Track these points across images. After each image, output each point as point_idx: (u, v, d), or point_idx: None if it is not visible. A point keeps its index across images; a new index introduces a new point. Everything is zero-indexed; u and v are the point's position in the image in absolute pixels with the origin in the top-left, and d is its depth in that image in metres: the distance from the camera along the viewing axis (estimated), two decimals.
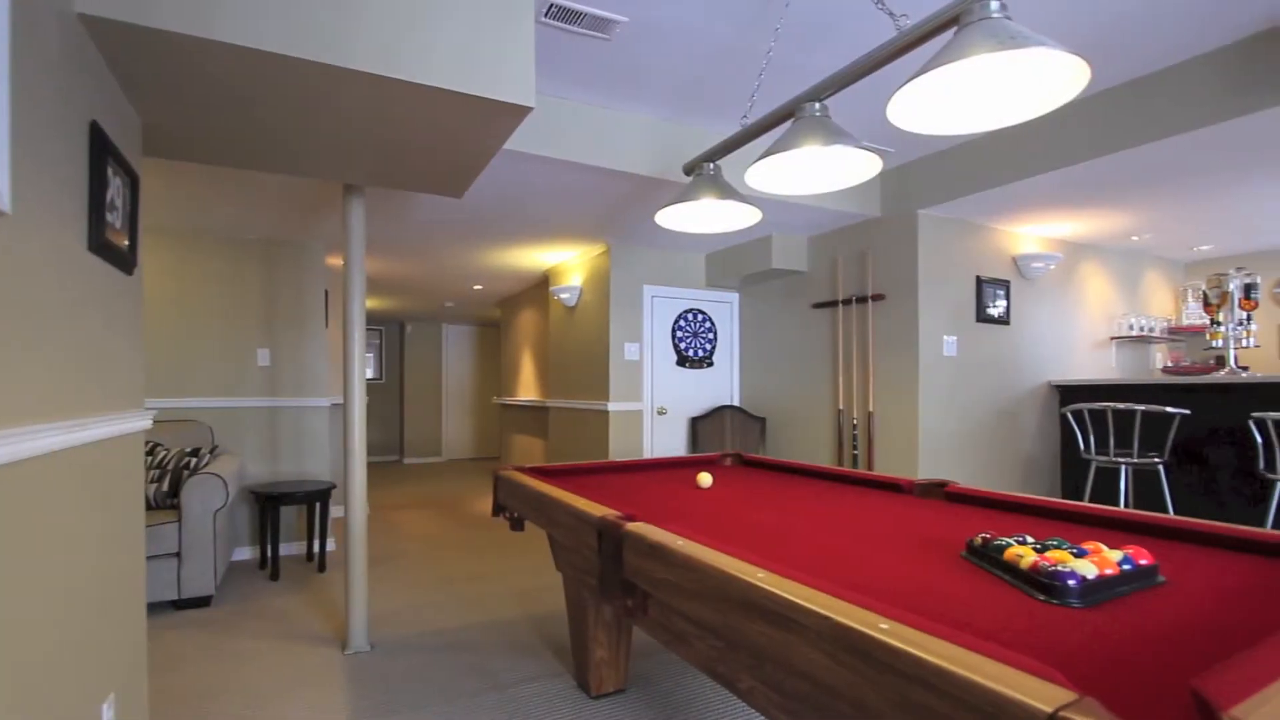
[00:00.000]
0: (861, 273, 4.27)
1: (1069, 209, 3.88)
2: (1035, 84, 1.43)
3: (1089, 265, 4.84)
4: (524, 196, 3.72)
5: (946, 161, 3.71)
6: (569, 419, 5.57)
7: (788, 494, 2.31)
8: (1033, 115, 1.50)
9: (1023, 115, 1.51)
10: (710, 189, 2.31)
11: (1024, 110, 1.49)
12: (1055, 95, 1.42)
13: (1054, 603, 1.13)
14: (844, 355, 4.38)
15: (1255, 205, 3.85)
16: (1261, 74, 2.51)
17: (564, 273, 5.74)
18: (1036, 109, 1.48)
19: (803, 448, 4.74)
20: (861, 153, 1.85)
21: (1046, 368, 4.53)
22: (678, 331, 5.15)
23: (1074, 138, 3.10)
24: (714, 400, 5.27)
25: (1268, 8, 2.37)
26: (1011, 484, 4.28)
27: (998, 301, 4.20)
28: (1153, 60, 2.76)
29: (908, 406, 3.93)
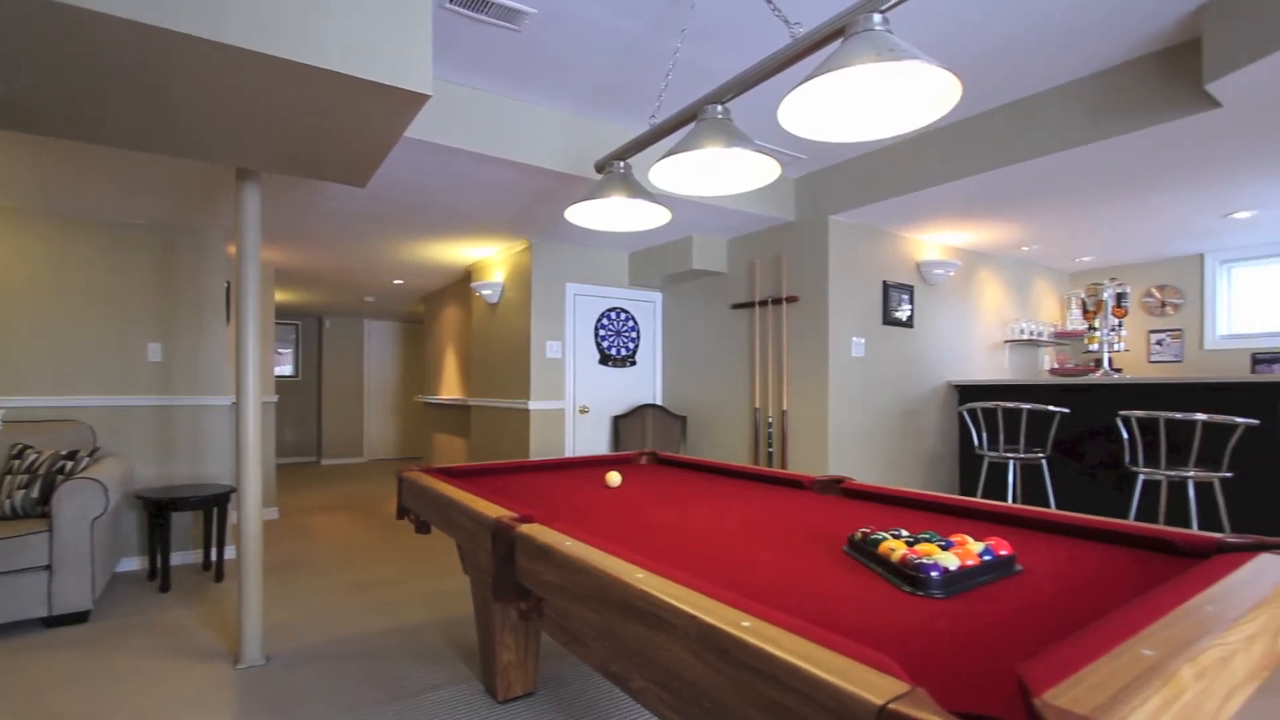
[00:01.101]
0: (777, 275, 4.39)
1: (966, 219, 4.13)
2: (913, 97, 1.50)
3: (985, 272, 5.18)
4: (438, 189, 3.62)
5: (855, 170, 3.87)
6: (491, 418, 5.47)
7: (695, 492, 2.34)
8: (912, 127, 1.58)
9: (903, 127, 1.58)
10: (620, 187, 2.31)
11: (904, 122, 1.57)
12: (932, 109, 1.50)
13: (919, 594, 1.20)
14: (760, 355, 4.50)
15: (1124, 222, 4.22)
16: (1122, 103, 2.75)
17: (486, 269, 5.62)
18: (915, 121, 1.56)
19: (721, 446, 4.83)
20: (760, 156, 1.89)
21: (947, 368, 4.81)
22: (600, 330, 5.14)
23: (966, 153, 3.30)
24: (636, 399, 5.30)
25: (1125, 43, 2.60)
26: (914, 478, 4.52)
27: (903, 305, 4.42)
28: (1031, 84, 2.97)
29: (818, 405, 4.07)
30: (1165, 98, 2.64)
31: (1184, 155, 3.02)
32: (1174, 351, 5.37)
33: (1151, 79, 2.68)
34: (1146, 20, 2.46)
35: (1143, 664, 0.78)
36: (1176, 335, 5.36)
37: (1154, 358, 5.50)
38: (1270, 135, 2.78)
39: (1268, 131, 2.74)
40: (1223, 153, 3.00)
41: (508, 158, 3.11)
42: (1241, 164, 3.16)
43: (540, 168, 3.21)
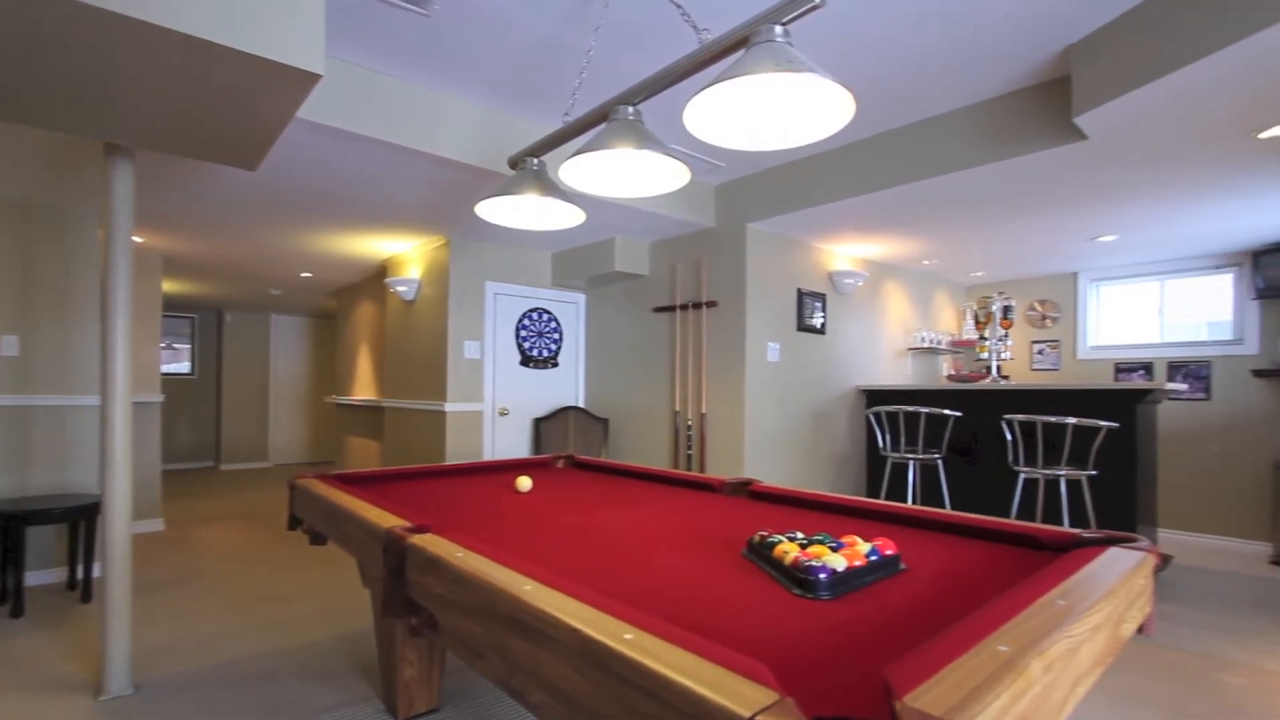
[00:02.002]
0: (697, 280, 4.46)
1: (873, 232, 4.33)
2: (811, 111, 1.55)
3: (891, 284, 5.46)
4: (347, 179, 3.43)
5: (771, 180, 3.98)
6: (406, 420, 5.25)
7: (607, 496, 2.33)
8: (810, 140, 1.63)
9: (802, 139, 1.63)
10: (533, 185, 2.27)
11: (802, 134, 1.61)
12: (828, 123, 1.55)
13: (808, 596, 1.23)
14: (680, 359, 4.55)
15: (1010, 240, 4.56)
16: (1006, 130, 2.96)
17: (402, 264, 5.40)
18: (813, 134, 1.61)
19: (643, 448, 4.85)
20: (671, 160, 1.90)
21: (856, 373, 5.04)
22: (522, 330, 5.04)
23: (873, 169, 3.46)
24: (558, 401, 5.24)
25: (1007, 75, 2.80)
26: (825, 478, 4.70)
27: (816, 313, 4.59)
28: (930, 107, 3.15)
29: (736, 408, 4.16)
30: (1041, 128, 2.86)
31: (1057, 182, 3.29)
32: (1052, 360, 5.86)
33: (1030, 110, 2.90)
34: (1024, 56, 2.66)
35: (998, 660, 0.83)
36: (1055, 346, 5.86)
37: (1036, 366, 5.98)
38: (1129, 166, 3.08)
39: (1128, 163, 3.03)
40: (1090, 181, 3.29)
41: (420, 149, 2.99)
42: (1105, 192, 3.48)
43: (454, 161, 3.10)
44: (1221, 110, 2.47)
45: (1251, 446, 4.83)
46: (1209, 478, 5.02)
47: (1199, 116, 2.52)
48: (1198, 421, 5.08)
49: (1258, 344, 4.85)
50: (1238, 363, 4.92)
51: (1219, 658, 2.90)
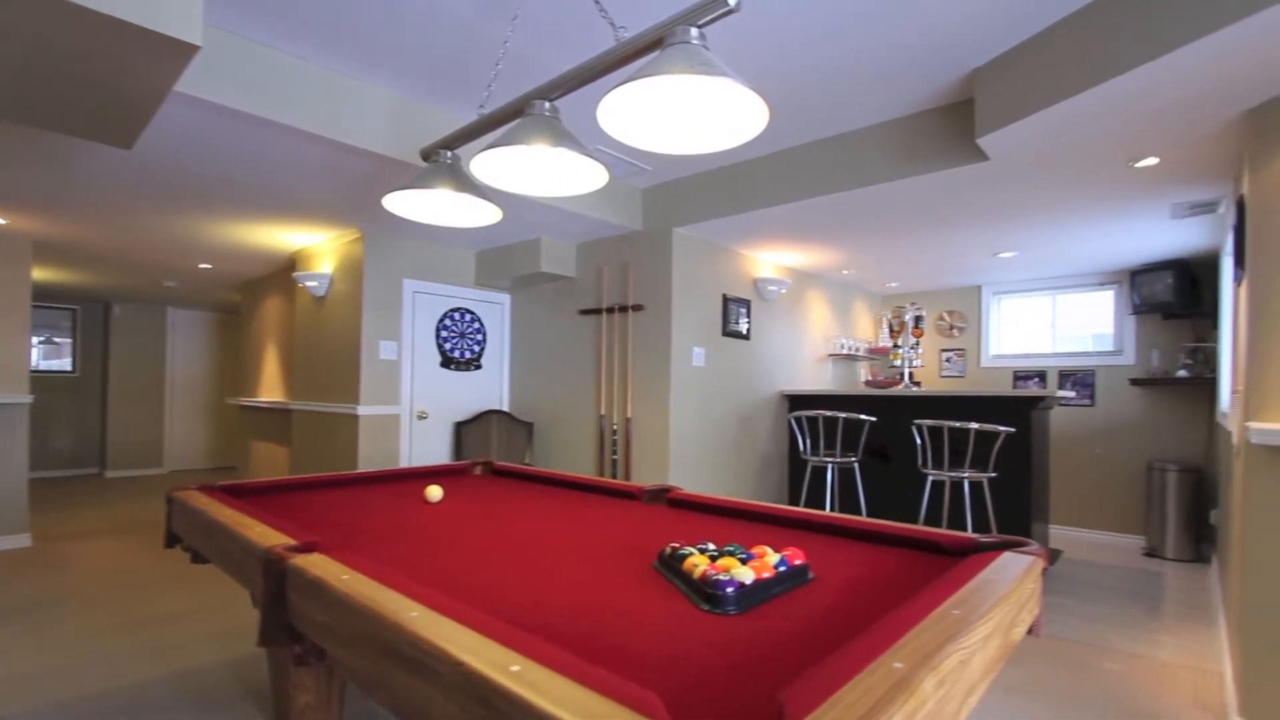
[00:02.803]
0: (623, 283, 4.43)
1: (796, 241, 4.44)
2: (724, 117, 1.54)
3: (813, 292, 5.63)
4: (243, 163, 3.19)
5: (697, 186, 4.00)
6: (315, 424, 4.95)
7: (522, 506, 2.25)
8: (723, 146, 1.62)
9: (715, 145, 1.62)
10: (446, 179, 2.16)
11: (716, 140, 1.60)
12: (741, 130, 1.55)
13: (715, 611, 1.21)
14: (606, 362, 4.50)
15: (920, 253, 4.79)
16: (918, 147, 3.09)
17: (313, 258, 5.09)
18: (726, 141, 1.60)
19: (568, 453, 4.77)
20: (588, 160, 1.85)
21: (779, 378, 5.15)
22: (443, 331, 4.86)
23: (794, 179, 3.54)
24: (481, 404, 5.08)
25: (919, 94, 2.93)
26: (749, 482, 4.77)
27: (741, 318, 4.66)
28: (848, 121, 3.25)
29: (660, 413, 4.15)
30: (949, 148, 3.00)
31: (963, 200, 3.47)
32: (959, 368, 6.21)
33: (939, 130, 3.04)
34: (934, 77, 2.78)
35: (892, 679, 0.82)
36: (961, 354, 6.21)
37: (944, 373, 6.31)
38: (1026, 188, 3.28)
39: (1024, 185, 3.23)
40: (992, 201, 3.49)
41: (325, 135, 2.80)
42: (1005, 211, 3.70)
43: (363, 149, 2.93)
44: (1105, 139, 2.66)
45: (1129, 449, 5.27)
46: (1093, 477, 5.44)
47: (1085, 144, 2.71)
48: (1083, 426, 5.50)
49: (1134, 355, 5.31)
50: (1118, 372, 5.37)
51: (1101, 646, 3.13)
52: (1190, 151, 2.80)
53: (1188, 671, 2.85)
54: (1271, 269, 2.23)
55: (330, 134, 2.81)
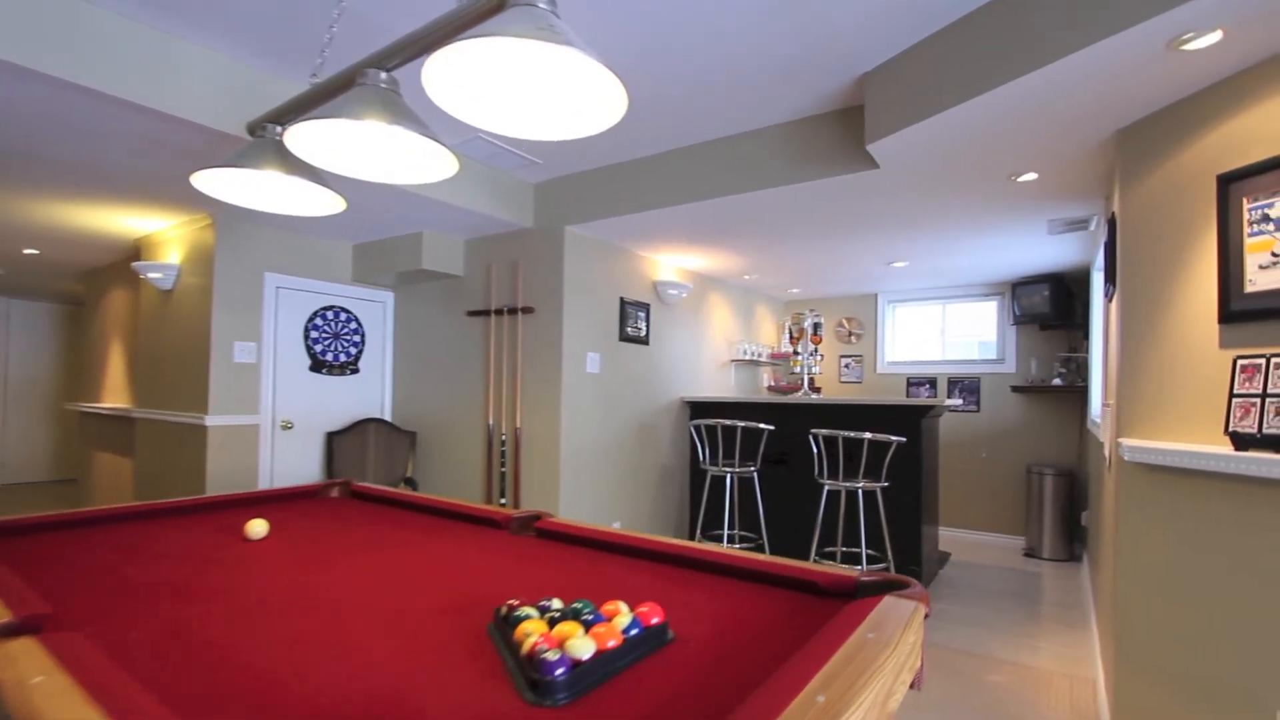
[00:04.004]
0: (513, 283, 4.13)
1: (695, 244, 4.30)
2: (573, 97, 1.31)
3: (715, 296, 5.54)
4: (46, 132, 2.65)
5: (590, 183, 3.77)
6: (161, 434, 4.31)
7: (365, 539, 1.92)
8: (578, 133, 1.40)
9: (569, 131, 1.40)
10: (272, 158, 1.81)
11: (569, 125, 1.38)
12: (595, 116, 1.33)
13: (542, 704, 0.96)
14: (495, 367, 4.18)
15: (817, 260, 4.79)
16: (811, 151, 3.00)
17: (159, 246, 4.44)
18: (581, 127, 1.38)
19: (454, 465, 4.41)
20: (433, 145, 1.57)
21: (680, 384, 5.01)
22: (313, 331, 4.36)
23: (689, 180, 3.38)
24: (358, 412, 4.61)
25: (811, 97, 2.83)
26: (648, 493, 4.59)
27: (639, 322, 4.47)
28: (742, 121, 3.12)
29: (551, 422, 3.89)
30: (841, 153, 2.93)
31: (856, 207, 3.44)
32: (857, 374, 6.33)
33: (832, 135, 2.96)
34: (826, 81, 2.69)
35: None
36: (859, 360, 6.33)
37: (843, 379, 6.42)
38: (915, 197, 3.27)
39: (914, 193, 3.22)
40: (883, 209, 3.48)
41: (144, 103, 2.35)
42: (897, 220, 3.71)
43: (188, 120, 2.49)
44: (987, 152, 2.65)
45: (1011, 453, 5.53)
46: (979, 481, 5.67)
47: (969, 156, 2.69)
48: (970, 431, 5.72)
49: (1015, 364, 5.58)
50: (1000, 380, 5.62)
51: (984, 656, 3.16)
52: (1067, 169, 2.86)
53: (1064, 680, 2.90)
54: (1140, 286, 2.26)
55: (149, 102, 2.36)
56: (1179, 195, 2.15)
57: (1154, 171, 2.24)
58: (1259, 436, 1.79)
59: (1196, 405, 2.07)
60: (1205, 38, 1.78)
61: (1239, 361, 1.89)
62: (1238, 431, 1.85)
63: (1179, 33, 1.77)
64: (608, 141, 3.39)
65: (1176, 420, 2.13)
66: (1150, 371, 2.22)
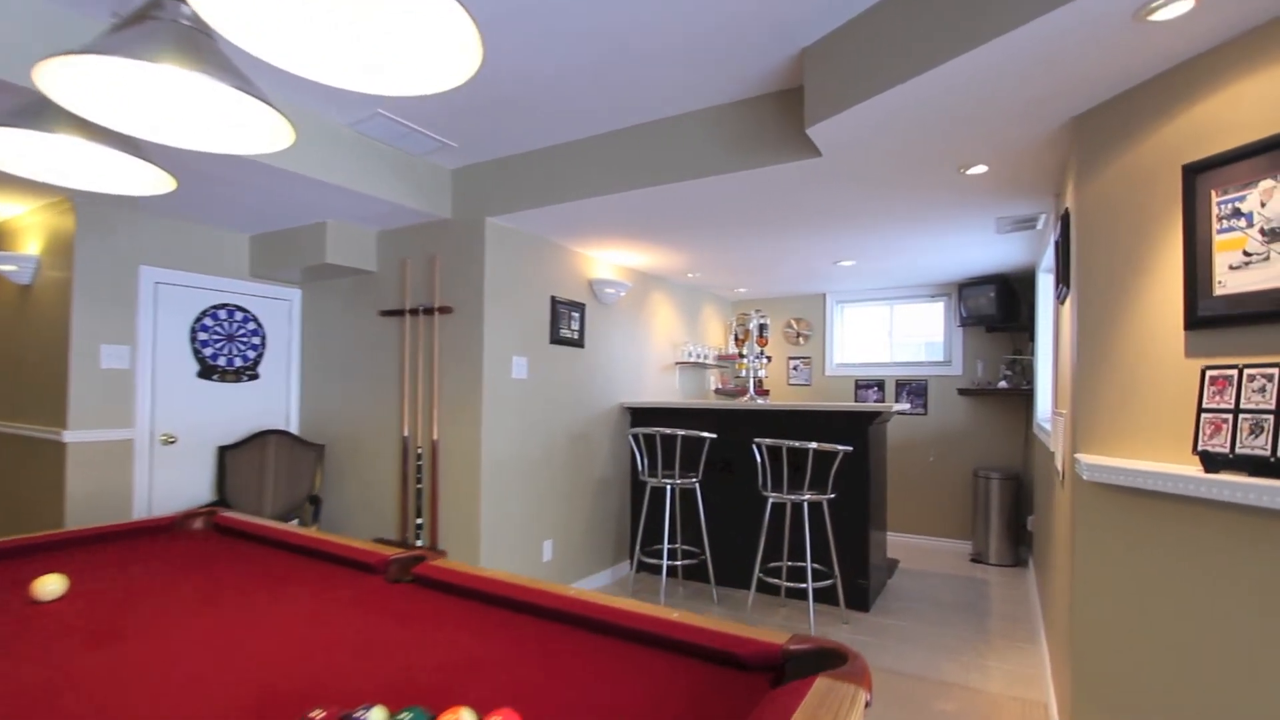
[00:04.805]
0: (430, 280, 3.74)
1: (632, 239, 4.00)
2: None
3: (658, 295, 5.25)
4: None
5: (513, 169, 3.42)
6: (15, 451, 3.75)
7: (197, 595, 1.54)
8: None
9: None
10: (56, 116, 1.41)
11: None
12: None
13: None
14: (410, 374, 3.79)
15: (765, 258, 4.56)
16: (749, 138, 2.74)
17: (15, 234, 3.87)
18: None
19: (366, 481, 3.98)
20: (260, 105, 1.21)
21: (620, 389, 4.70)
22: (201, 333, 3.87)
23: (619, 168, 3.07)
24: (257, 423, 4.13)
25: (747, 77, 2.56)
26: (583, 508, 4.26)
27: (573, 324, 4.14)
28: (675, 103, 2.83)
29: (472, 432, 3.52)
30: (781, 139, 2.67)
31: (798, 200, 3.19)
32: (805, 376, 6.16)
33: (771, 119, 2.69)
34: (762, 56, 2.42)
35: None
36: (808, 362, 6.16)
37: (792, 381, 6.24)
38: (861, 189, 3.05)
39: (860, 185, 2.99)
40: (828, 202, 3.24)
41: None
42: (843, 215, 3.49)
43: None
44: (935, 139, 2.44)
45: (958, 457, 5.43)
46: (927, 485, 5.56)
47: (917, 142, 2.47)
48: (918, 434, 5.61)
49: (962, 366, 5.48)
50: (948, 382, 5.52)
51: (935, 680, 2.96)
52: (1018, 161, 2.67)
53: (1015, 705, 2.72)
54: (1097, 288, 2.07)
55: None
56: (1140, 188, 1.96)
57: (1112, 162, 2.05)
58: (1231, 457, 1.60)
59: (1160, 419, 1.88)
60: (1175, 5, 1.57)
61: (1208, 372, 1.70)
62: (1208, 451, 1.65)
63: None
64: (529, 124, 3.05)
65: (1138, 435, 1.94)
66: (1109, 381, 2.02)
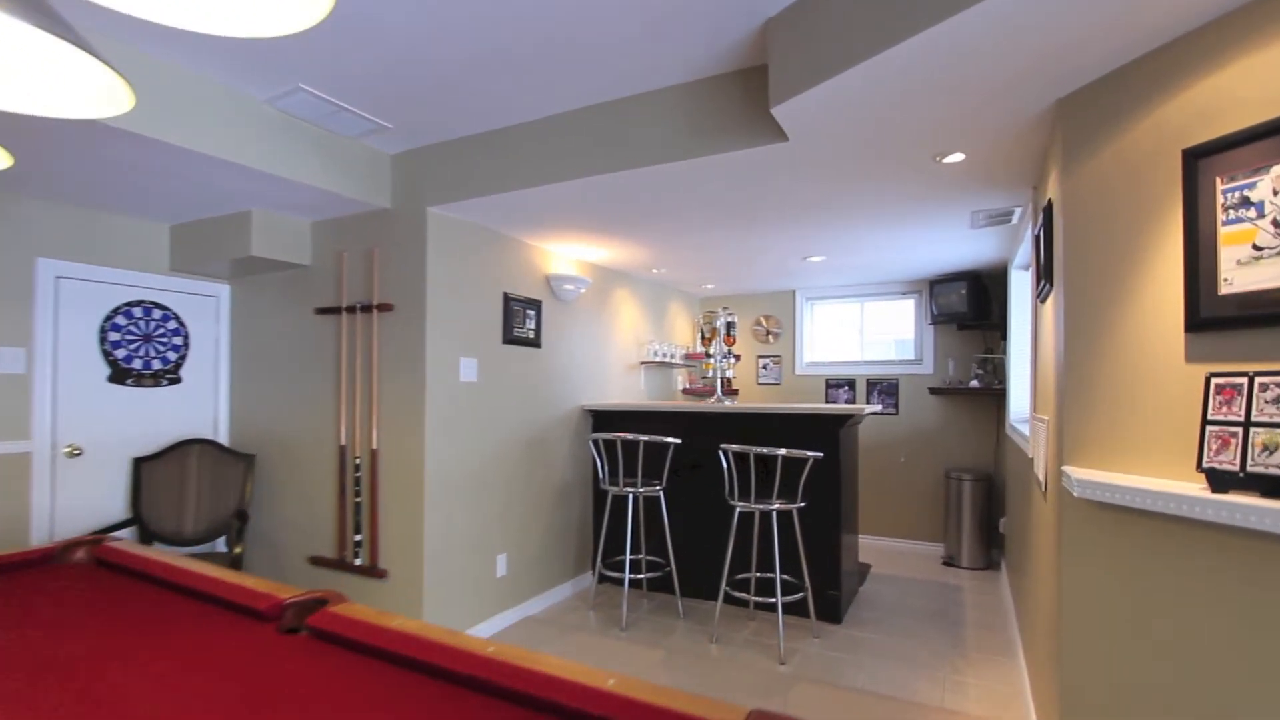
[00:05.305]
0: (368, 275, 3.44)
1: (590, 232, 3.75)
2: None
3: (622, 292, 5.01)
4: None
5: (456, 154, 3.14)
6: None
7: (35, 659, 1.25)
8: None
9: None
10: None
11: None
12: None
13: None
14: (348, 377, 3.48)
15: (732, 253, 4.34)
16: (712, 120, 2.51)
17: None
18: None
19: (301, 494, 3.66)
20: (92, 61, 0.93)
21: (581, 391, 4.45)
22: (113, 333, 3.51)
23: (561, 153, 2.82)
24: (179, 432, 3.78)
25: (709, 52, 2.34)
26: (540, 519, 4.00)
27: (528, 322, 3.87)
28: (630, 81, 2.59)
29: (414, 442, 3.24)
30: (744, 122, 2.44)
31: (764, 189, 2.97)
32: (775, 375, 5.98)
33: (733, 100, 2.47)
34: (722, 28, 2.19)
35: None
36: (777, 361, 5.98)
37: (761, 380, 6.06)
38: (831, 178, 2.84)
39: (829, 173, 2.78)
40: (796, 193, 3.04)
41: None
42: (811, 207, 3.28)
43: None
44: (910, 122, 2.24)
45: (930, 457, 5.31)
46: (898, 487, 5.43)
47: (889, 127, 2.27)
48: (889, 435, 5.47)
49: (933, 365, 5.36)
50: (919, 381, 5.39)
51: (910, 701, 2.79)
52: (995, 149, 2.49)
53: None
54: (1087, 285, 1.89)
55: None
56: (1134, 175, 1.78)
57: (1102, 148, 1.87)
58: (1241, 476, 1.43)
59: (1156, 430, 1.70)
60: None
61: (1213, 380, 1.53)
62: (1215, 468, 1.48)
63: None
64: (472, 105, 2.78)
65: (1131, 447, 1.77)
66: (1099, 388, 1.85)
